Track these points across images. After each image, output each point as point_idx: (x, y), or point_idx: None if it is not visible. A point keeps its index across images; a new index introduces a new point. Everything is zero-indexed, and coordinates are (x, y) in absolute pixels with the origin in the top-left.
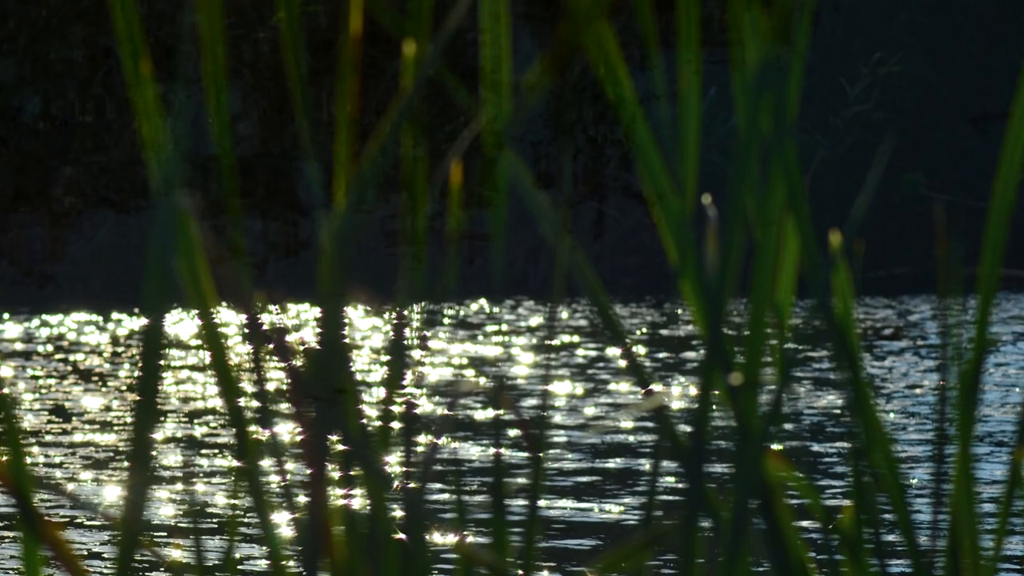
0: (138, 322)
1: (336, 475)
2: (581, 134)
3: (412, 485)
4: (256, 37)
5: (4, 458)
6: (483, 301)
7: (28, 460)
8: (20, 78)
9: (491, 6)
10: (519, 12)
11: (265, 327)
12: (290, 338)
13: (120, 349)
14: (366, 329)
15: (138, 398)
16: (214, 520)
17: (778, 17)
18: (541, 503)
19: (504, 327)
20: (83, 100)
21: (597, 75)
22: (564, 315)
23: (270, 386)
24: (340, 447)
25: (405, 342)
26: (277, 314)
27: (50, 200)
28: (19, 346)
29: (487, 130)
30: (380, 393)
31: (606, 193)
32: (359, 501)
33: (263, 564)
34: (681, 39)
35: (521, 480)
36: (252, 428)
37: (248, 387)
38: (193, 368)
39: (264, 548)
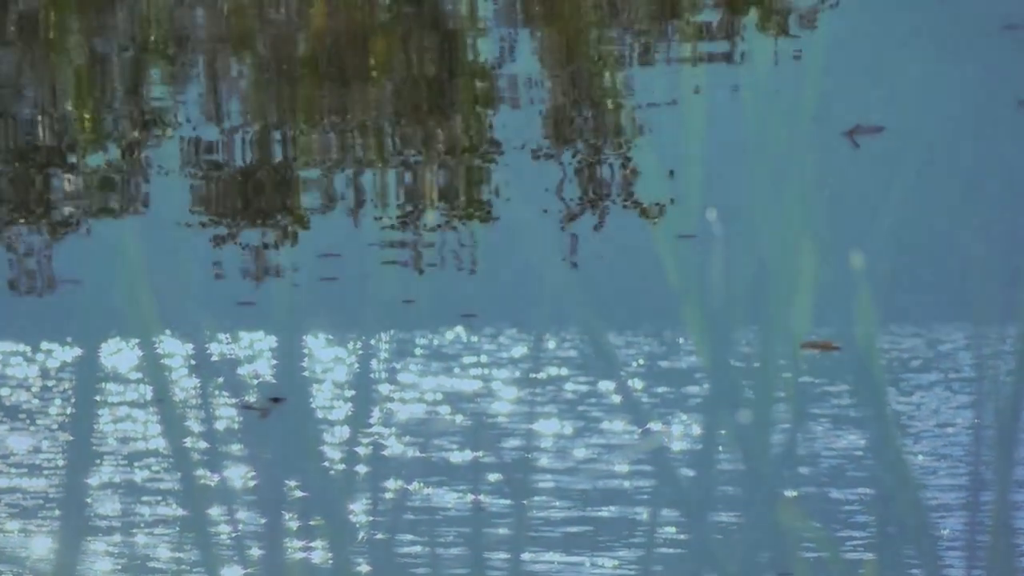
0: (71, 353)
1: (294, 524)
2: (581, 141)
3: (380, 536)
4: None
5: None
6: (460, 329)
7: None
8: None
9: None
10: (517, 14)
11: (214, 359)
12: (242, 370)
13: (51, 383)
14: (328, 360)
15: (71, 438)
16: None
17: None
18: (525, 556)
19: (483, 358)
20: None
21: (594, 79)
22: (551, 344)
23: (219, 425)
24: (299, 493)
25: (372, 375)
26: (227, 344)
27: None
28: None
29: (470, 129)
30: (344, 432)
31: (606, 206)
32: (320, 554)
33: None
34: (683, 37)
35: (502, 531)
36: (199, 472)
37: (195, 426)
38: (133, 404)
39: None
